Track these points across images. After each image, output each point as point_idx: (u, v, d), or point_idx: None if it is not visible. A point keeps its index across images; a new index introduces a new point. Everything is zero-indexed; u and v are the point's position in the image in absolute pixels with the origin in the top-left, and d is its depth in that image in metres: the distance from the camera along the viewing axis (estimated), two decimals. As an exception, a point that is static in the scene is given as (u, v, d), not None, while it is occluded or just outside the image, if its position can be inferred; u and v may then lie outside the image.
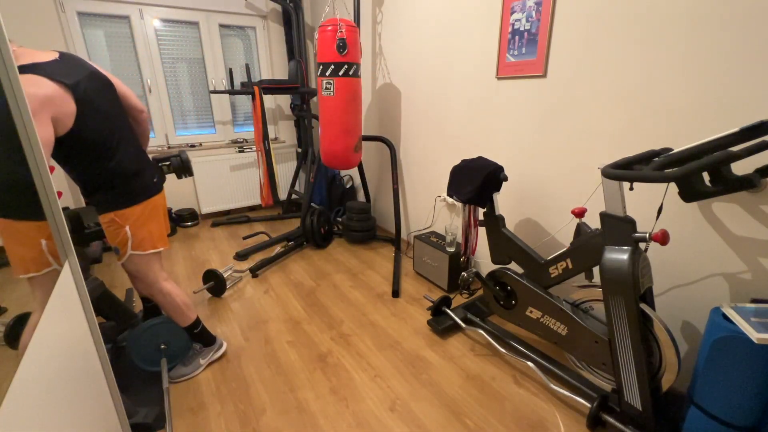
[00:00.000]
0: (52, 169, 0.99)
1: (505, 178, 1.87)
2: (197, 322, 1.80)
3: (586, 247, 1.48)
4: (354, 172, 3.79)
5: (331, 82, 2.58)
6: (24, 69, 1.18)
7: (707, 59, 1.34)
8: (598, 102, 1.69)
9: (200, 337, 1.82)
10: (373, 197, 3.62)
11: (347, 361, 1.84)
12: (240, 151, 3.92)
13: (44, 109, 1.18)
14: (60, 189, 3.20)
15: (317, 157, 3.12)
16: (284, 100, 4.16)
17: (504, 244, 1.86)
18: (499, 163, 1.89)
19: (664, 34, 1.44)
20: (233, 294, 2.46)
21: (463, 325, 1.99)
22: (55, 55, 1.31)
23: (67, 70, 1.30)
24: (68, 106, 1.26)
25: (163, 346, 1.74)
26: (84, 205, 2.74)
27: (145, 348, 1.71)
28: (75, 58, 1.40)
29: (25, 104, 0.85)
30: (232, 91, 3.34)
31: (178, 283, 2.61)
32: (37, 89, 1.17)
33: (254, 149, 3.97)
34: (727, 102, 1.32)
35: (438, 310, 2.13)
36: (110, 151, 1.42)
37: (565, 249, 1.58)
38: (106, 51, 3.26)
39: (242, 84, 3.37)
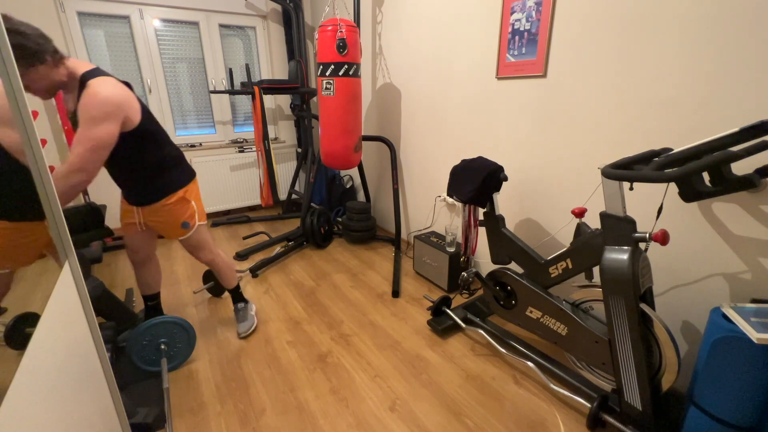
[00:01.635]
0: (52, 168, 0.99)
1: (505, 178, 1.87)
2: (238, 283, 2.10)
3: (586, 247, 1.48)
4: (354, 172, 3.79)
5: (331, 82, 2.58)
6: (97, 72, 1.38)
7: (707, 59, 1.34)
8: (598, 102, 1.69)
9: (242, 295, 2.12)
10: (373, 197, 3.62)
11: (347, 361, 1.84)
12: (240, 151, 3.92)
13: (121, 110, 1.39)
14: (60, 189, 3.20)
15: (317, 157, 3.12)
16: (284, 100, 4.16)
17: (504, 244, 1.86)
18: (499, 163, 1.89)
19: (664, 34, 1.44)
20: (233, 294, 2.46)
21: (463, 325, 1.99)
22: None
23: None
24: (136, 103, 1.46)
25: (163, 347, 1.74)
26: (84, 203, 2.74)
27: (145, 348, 1.71)
28: None
29: (25, 103, 0.85)
30: (232, 91, 3.34)
31: (178, 282, 2.61)
32: (120, 90, 1.38)
33: (254, 149, 3.97)
34: (726, 102, 1.32)
35: (438, 310, 2.13)
36: (166, 137, 1.65)
37: (565, 249, 1.58)
38: (106, 51, 3.26)
39: (242, 84, 3.37)
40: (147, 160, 1.56)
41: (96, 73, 1.38)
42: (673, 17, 1.41)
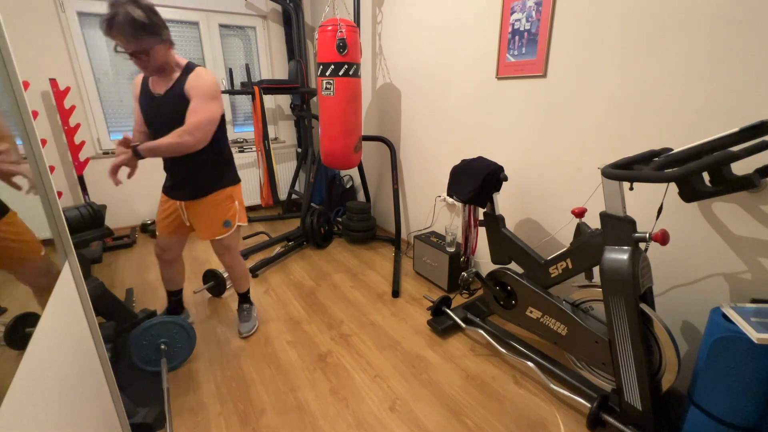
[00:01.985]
0: (52, 168, 0.99)
1: (505, 178, 1.87)
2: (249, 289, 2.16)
3: (586, 247, 1.48)
4: (354, 172, 3.79)
5: (331, 82, 2.58)
6: (195, 64, 1.61)
7: (707, 59, 1.34)
8: (598, 102, 1.69)
9: (250, 297, 2.16)
10: (373, 197, 3.62)
11: (347, 361, 1.84)
12: (240, 151, 3.92)
13: (221, 96, 1.60)
14: (60, 189, 3.20)
15: (317, 157, 3.12)
16: (284, 100, 4.16)
17: (504, 244, 1.86)
18: (499, 162, 1.89)
19: (664, 34, 1.44)
20: (233, 294, 2.46)
21: (463, 325, 1.99)
22: None
23: None
24: None
25: (163, 347, 1.74)
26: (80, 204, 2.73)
27: (145, 348, 1.71)
28: None
29: (25, 103, 0.85)
30: (232, 91, 3.34)
31: (178, 283, 2.61)
32: (215, 78, 1.59)
33: (254, 149, 3.97)
34: (726, 102, 1.32)
35: (438, 310, 2.13)
36: (227, 135, 1.77)
37: (565, 249, 1.58)
38: (106, 51, 3.26)
39: (242, 84, 3.37)
40: (212, 151, 1.65)
41: (196, 64, 1.61)
42: (674, 17, 1.41)
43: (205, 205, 1.74)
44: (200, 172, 1.70)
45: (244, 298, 2.13)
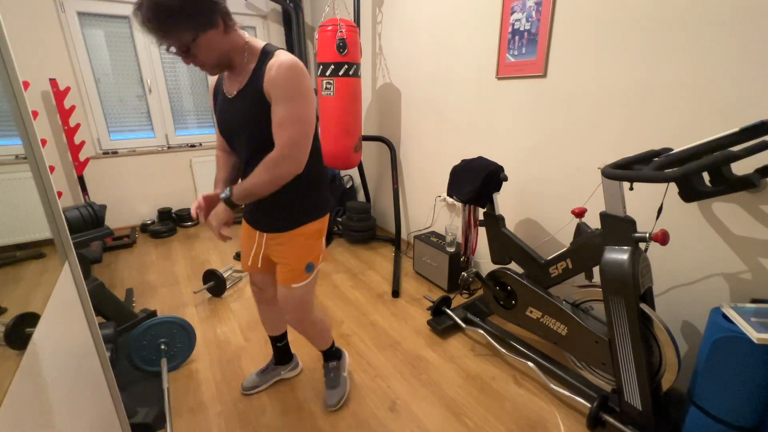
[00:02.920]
0: (52, 168, 0.99)
1: (505, 178, 1.87)
2: (333, 340, 1.65)
3: (586, 247, 1.48)
4: (354, 172, 3.79)
5: (331, 82, 2.58)
6: (274, 47, 1.14)
7: (707, 59, 1.34)
8: (598, 102, 1.69)
9: (334, 353, 1.66)
10: (373, 197, 3.62)
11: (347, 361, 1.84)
12: (240, 151, 3.91)
13: (311, 86, 1.12)
14: (60, 189, 3.20)
15: (317, 157, 3.11)
16: (284, 100, 4.15)
17: (504, 244, 1.86)
18: (499, 162, 1.89)
19: (664, 34, 1.44)
20: (233, 294, 2.46)
21: (463, 325, 1.99)
22: None
23: None
24: None
25: (163, 347, 1.74)
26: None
27: (145, 348, 1.71)
28: None
29: (25, 103, 0.85)
30: (232, 91, 3.33)
31: (178, 283, 2.61)
32: (301, 65, 1.09)
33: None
34: (727, 102, 1.32)
35: (438, 310, 2.13)
36: (318, 143, 1.27)
37: (565, 249, 1.58)
38: (106, 51, 3.26)
39: (242, 84, 3.36)
40: (307, 172, 1.18)
41: (275, 47, 1.14)
42: (674, 17, 1.41)
43: (289, 241, 1.28)
44: (292, 201, 1.25)
45: (329, 354, 1.63)
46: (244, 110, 1.14)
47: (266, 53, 1.11)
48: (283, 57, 1.07)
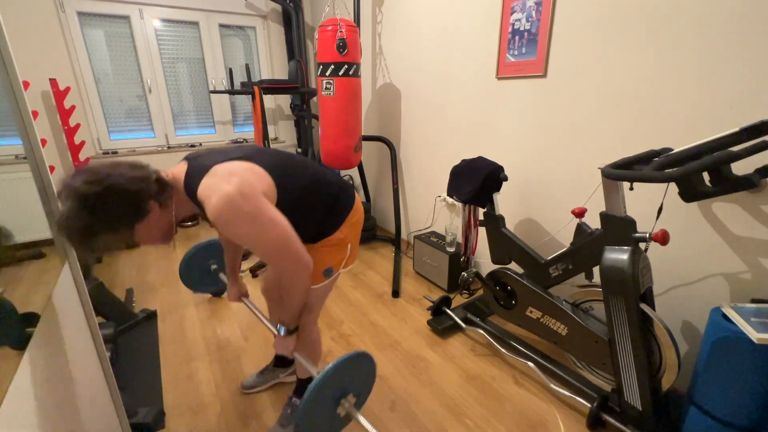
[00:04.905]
0: (52, 168, 0.99)
1: (505, 178, 1.87)
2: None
3: (586, 247, 1.48)
4: (354, 172, 3.79)
5: (331, 82, 2.58)
6: (193, 173, 1.00)
7: (707, 59, 1.34)
8: (598, 102, 1.69)
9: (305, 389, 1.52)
10: (373, 197, 3.62)
11: (347, 361, 1.84)
12: (240, 151, 3.91)
13: (254, 197, 0.98)
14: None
15: (317, 157, 3.12)
16: (284, 100, 4.16)
17: (504, 244, 1.86)
18: (499, 162, 1.89)
19: (664, 34, 1.44)
20: (233, 294, 2.46)
21: (463, 325, 1.99)
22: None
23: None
24: (260, 181, 1.03)
25: (214, 266, 1.70)
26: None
27: (196, 272, 1.67)
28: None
29: (25, 103, 0.85)
30: (232, 91, 3.33)
31: (178, 283, 2.61)
32: (235, 184, 0.95)
33: (254, 149, 3.95)
34: (727, 102, 1.32)
35: (438, 310, 2.13)
36: (317, 183, 1.20)
37: (565, 249, 1.58)
38: (106, 51, 3.26)
39: (242, 84, 3.37)
40: (308, 219, 1.17)
41: (193, 174, 1.00)
42: (674, 17, 1.41)
43: (311, 249, 1.20)
44: (306, 231, 1.16)
45: (301, 387, 1.50)
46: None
47: (195, 200, 0.99)
48: (210, 209, 0.93)
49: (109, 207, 0.84)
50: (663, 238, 1.23)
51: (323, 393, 0.98)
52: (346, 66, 2.54)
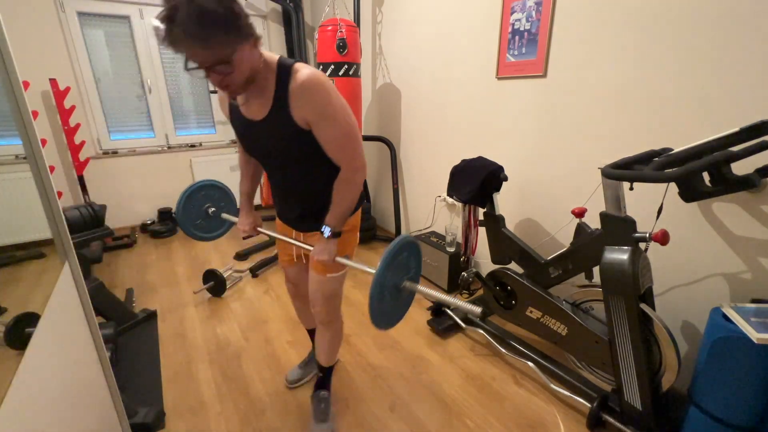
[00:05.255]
0: (52, 168, 0.99)
1: (505, 178, 1.87)
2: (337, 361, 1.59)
3: (586, 247, 1.48)
4: (354, 172, 3.79)
5: (331, 82, 2.58)
6: (288, 60, 1.06)
7: (707, 59, 1.34)
8: (598, 102, 1.69)
9: (327, 380, 1.59)
10: (373, 197, 3.62)
11: (347, 361, 1.84)
12: (240, 151, 3.91)
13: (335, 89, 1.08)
14: (60, 189, 3.20)
15: (317, 157, 3.11)
16: (284, 100, 4.16)
17: (504, 244, 1.86)
18: (499, 162, 1.89)
19: (664, 34, 1.44)
20: (233, 294, 2.46)
21: (463, 325, 1.99)
22: None
23: None
24: None
25: (212, 209, 1.67)
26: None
27: (195, 215, 1.64)
28: None
29: (25, 103, 0.85)
30: (232, 91, 3.33)
31: (178, 283, 2.61)
32: (321, 76, 1.05)
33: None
34: (726, 102, 1.32)
35: (438, 310, 2.13)
36: None
37: (565, 249, 1.58)
38: (106, 51, 3.27)
39: (242, 84, 3.37)
40: (334, 174, 1.18)
41: (290, 60, 1.06)
42: (674, 17, 1.41)
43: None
44: (320, 206, 1.23)
45: (325, 378, 1.57)
46: (275, 138, 1.09)
47: (283, 69, 1.03)
48: (301, 77, 1.00)
49: (238, 8, 0.89)
50: (663, 238, 1.23)
51: (383, 291, 1.17)
52: (346, 66, 2.54)
